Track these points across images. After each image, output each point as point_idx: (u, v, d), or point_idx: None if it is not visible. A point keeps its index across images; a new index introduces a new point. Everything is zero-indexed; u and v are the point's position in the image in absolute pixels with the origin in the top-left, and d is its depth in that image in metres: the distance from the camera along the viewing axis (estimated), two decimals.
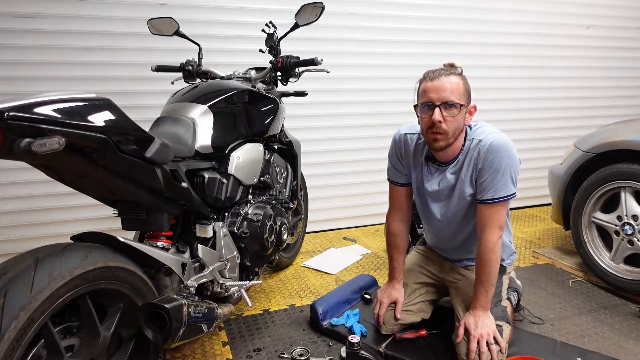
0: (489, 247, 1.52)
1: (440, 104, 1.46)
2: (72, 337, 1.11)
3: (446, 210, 1.65)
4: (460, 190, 1.58)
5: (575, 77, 3.79)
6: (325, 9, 1.81)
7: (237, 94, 1.74)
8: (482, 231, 1.54)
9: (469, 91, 1.51)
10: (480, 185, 1.53)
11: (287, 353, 1.70)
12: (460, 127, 1.51)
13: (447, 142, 1.51)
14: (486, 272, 1.53)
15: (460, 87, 1.47)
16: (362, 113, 3.20)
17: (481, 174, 1.52)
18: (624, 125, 2.24)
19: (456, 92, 1.46)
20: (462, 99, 1.47)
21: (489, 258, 1.52)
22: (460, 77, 1.50)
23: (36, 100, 0.93)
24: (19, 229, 2.57)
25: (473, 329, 1.50)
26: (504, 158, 1.48)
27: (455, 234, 1.70)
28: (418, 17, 3.21)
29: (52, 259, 1.00)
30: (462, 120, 1.50)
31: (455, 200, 1.61)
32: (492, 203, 1.51)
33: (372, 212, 3.34)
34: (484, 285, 1.53)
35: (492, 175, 1.49)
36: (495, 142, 1.49)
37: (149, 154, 1.20)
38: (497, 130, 1.54)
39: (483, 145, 1.51)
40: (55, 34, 2.47)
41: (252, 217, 1.71)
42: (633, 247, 2.08)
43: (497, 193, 1.50)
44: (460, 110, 1.47)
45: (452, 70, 1.50)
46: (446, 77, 1.47)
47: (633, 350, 1.72)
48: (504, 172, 1.48)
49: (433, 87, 1.47)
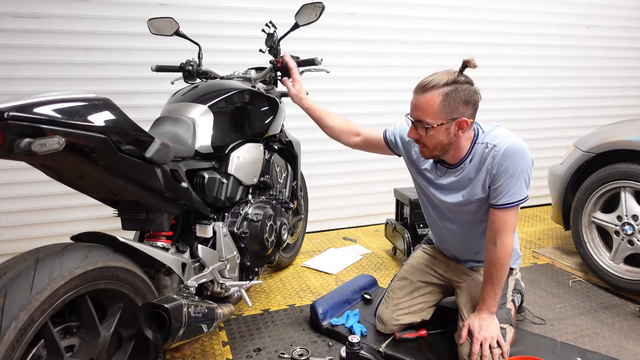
0: (507, 251, 1.50)
1: (415, 121, 1.45)
2: (72, 337, 1.11)
3: (454, 212, 1.63)
4: (470, 193, 1.54)
5: (575, 77, 3.79)
6: (325, 9, 1.81)
7: (237, 94, 1.74)
8: (497, 235, 1.50)
9: (454, 106, 1.40)
10: (495, 191, 1.48)
11: (287, 353, 1.70)
12: (442, 142, 1.45)
13: (431, 154, 1.50)
14: (499, 276, 1.52)
15: (435, 105, 1.39)
16: (362, 113, 3.20)
17: (496, 179, 1.47)
18: (624, 125, 2.24)
19: (429, 111, 1.40)
20: (437, 118, 1.40)
21: (504, 262, 1.50)
22: (443, 89, 1.38)
23: (36, 100, 0.93)
24: (19, 229, 2.57)
25: (477, 332, 1.49)
26: (520, 162, 1.43)
27: (463, 236, 1.69)
28: (418, 17, 3.21)
29: (52, 259, 1.00)
30: (442, 136, 1.44)
31: (465, 203, 1.57)
32: (507, 208, 1.48)
33: (372, 212, 3.34)
34: (495, 288, 1.52)
35: (508, 180, 1.45)
36: (510, 147, 1.44)
37: (149, 154, 1.20)
38: (510, 133, 1.49)
39: (498, 151, 1.45)
40: (55, 34, 2.47)
41: (252, 217, 1.71)
42: (633, 247, 2.08)
43: (513, 197, 1.46)
44: (436, 129, 1.42)
45: (439, 81, 1.39)
46: (423, 93, 1.40)
47: (633, 350, 1.72)
48: (519, 177, 1.45)
49: (412, 101, 1.45)
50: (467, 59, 1.42)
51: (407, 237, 2.46)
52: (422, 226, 2.49)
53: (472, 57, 1.42)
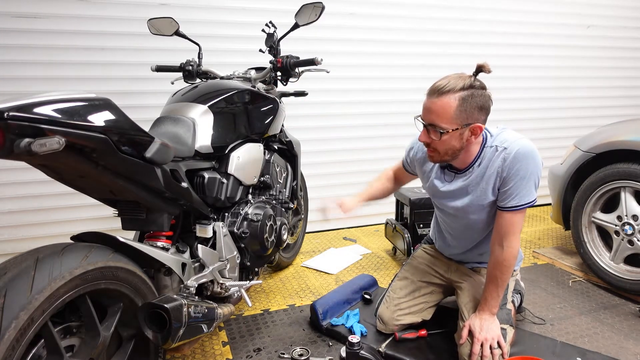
0: (514, 253, 1.50)
1: (427, 125, 1.42)
2: (72, 337, 1.11)
3: (463, 215, 1.63)
4: (479, 196, 1.53)
5: (575, 77, 3.79)
6: (325, 9, 1.81)
7: (237, 94, 1.74)
8: (505, 238, 1.50)
9: (470, 112, 1.38)
10: (504, 193, 1.47)
11: (287, 353, 1.70)
12: (454, 147, 1.44)
13: (440, 159, 1.49)
14: (504, 278, 1.52)
15: (451, 109, 1.36)
16: (362, 113, 3.20)
17: (506, 182, 1.46)
18: (624, 125, 2.23)
19: (444, 115, 1.37)
20: (452, 123, 1.38)
21: (510, 264, 1.50)
22: (459, 94, 1.36)
23: (36, 100, 0.93)
24: (19, 229, 2.57)
25: (478, 332, 1.50)
26: (531, 165, 1.43)
27: (470, 239, 1.69)
28: (418, 17, 3.21)
29: (52, 259, 1.00)
30: (455, 142, 1.42)
31: (475, 206, 1.56)
32: (516, 210, 1.47)
33: (372, 212, 3.33)
34: (498, 289, 1.52)
35: (519, 183, 1.44)
36: (521, 149, 1.43)
37: (149, 154, 1.20)
38: (519, 135, 1.48)
39: (508, 154, 1.44)
40: (55, 34, 2.47)
41: (252, 217, 1.71)
42: (633, 247, 2.08)
43: (522, 200, 1.46)
44: (450, 134, 1.40)
45: (455, 85, 1.36)
46: (439, 96, 1.37)
47: (633, 350, 1.72)
48: (530, 179, 1.44)
49: (425, 104, 1.42)
50: (482, 63, 1.40)
51: (407, 237, 2.46)
52: (422, 226, 2.49)
53: (486, 62, 1.40)
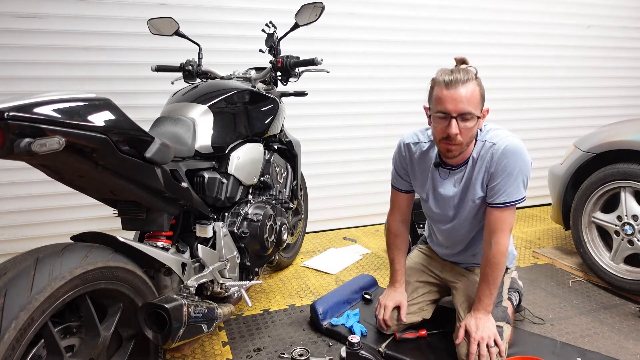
0: (502, 250, 1.51)
1: (457, 116, 1.40)
2: (72, 337, 1.11)
3: (458, 213, 1.63)
4: (472, 193, 1.55)
5: (575, 77, 3.79)
6: (325, 9, 1.81)
7: (237, 94, 1.74)
8: (493, 234, 1.51)
9: (484, 96, 1.44)
10: (492, 189, 1.49)
11: (287, 353, 1.70)
12: (474, 135, 1.49)
13: (460, 151, 1.49)
14: (495, 275, 1.52)
15: (477, 95, 1.40)
16: (362, 113, 3.20)
17: (494, 177, 1.48)
18: (624, 125, 2.24)
19: (473, 101, 1.39)
20: (478, 109, 1.41)
21: (499, 261, 1.51)
22: (476, 81, 1.41)
23: (36, 100, 0.93)
24: (19, 229, 2.57)
25: (474, 331, 1.50)
26: (518, 162, 1.45)
27: (464, 236, 1.69)
28: (418, 17, 3.21)
29: (52, 259, 1.00)
30: (476, 128, 1.46)
31: (468, 203, 1.58)
32: (504, 207, 1.49)
33: (372, 212, 3.34)
34: (490, 287, 1.53)
35: (505, 179, 1.46)
36: (509, 145, 1.45)
37: (149, 154, 1.20)
38: (509, 133, 1.51)
39: (497, 149, 1.47)
40: (55, 34, 2.47)
41: (252, 217, 1.71)
42: (633, 247, 2.08)
43: (510, 197, 1.47)
44: (479, 120, 1.44)
45: (468, 74, 1.40)
46: (463, 85, 1.37)
47: (633, 350, 1.72)
48: (517, 176, 1.46)
49: (449, 96, 1.38)
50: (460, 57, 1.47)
51: None
52: (422, 226, 2.49)
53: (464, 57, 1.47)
